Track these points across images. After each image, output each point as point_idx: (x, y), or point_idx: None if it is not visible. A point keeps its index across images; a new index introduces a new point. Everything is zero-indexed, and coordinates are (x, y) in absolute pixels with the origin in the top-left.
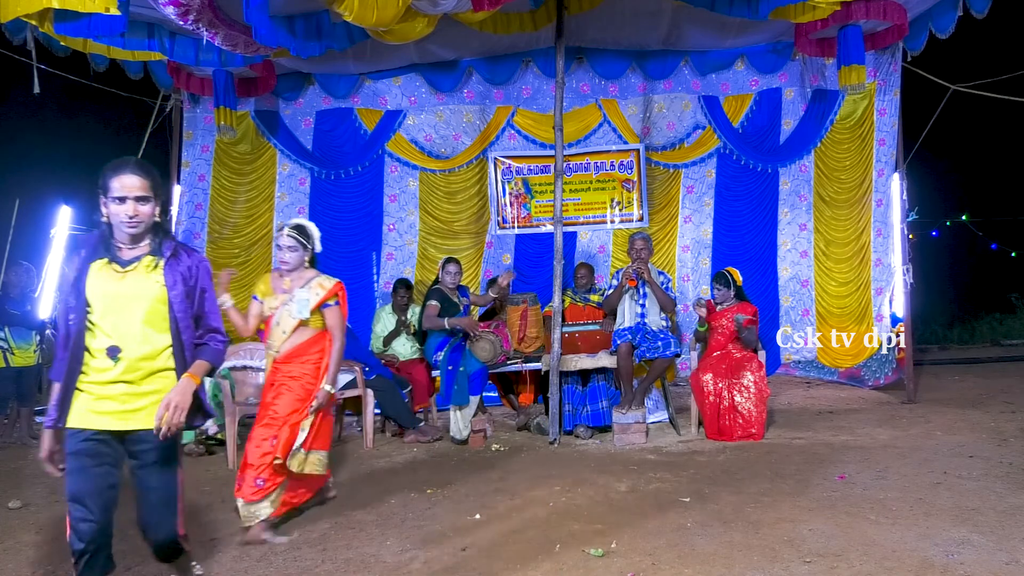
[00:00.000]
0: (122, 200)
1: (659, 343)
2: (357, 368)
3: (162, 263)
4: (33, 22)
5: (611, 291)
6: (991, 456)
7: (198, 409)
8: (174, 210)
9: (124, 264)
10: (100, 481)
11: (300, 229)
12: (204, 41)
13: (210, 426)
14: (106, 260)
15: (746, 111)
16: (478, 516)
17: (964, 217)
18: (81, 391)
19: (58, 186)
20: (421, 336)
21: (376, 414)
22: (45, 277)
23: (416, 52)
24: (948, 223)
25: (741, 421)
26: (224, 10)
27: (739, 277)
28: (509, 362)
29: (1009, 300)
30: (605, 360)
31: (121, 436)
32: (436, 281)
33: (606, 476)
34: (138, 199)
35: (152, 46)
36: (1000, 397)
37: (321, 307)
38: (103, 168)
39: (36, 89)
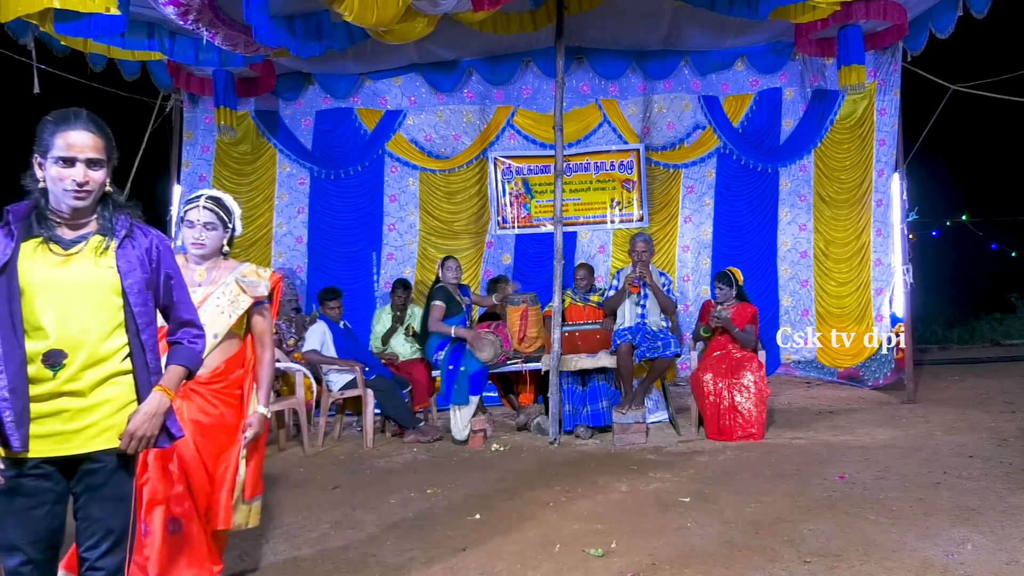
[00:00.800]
0: (69, 162)
1: (659, 343)
2: (357, 368)
3: (114, 244)
4: (34, 22)
5: (611, 291)
6: (991, 456)
7: (162, 429)
8: (174, 210)
9: (66, 245)
10: (41, 527)
11: (218, 201)
12: (204, 41)
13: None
14: (40, 240)
15: (746, 111)
16: (478, 516)
17: (964, 217)
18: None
19: None
20: (422, 336)
21: (376, 414)
22: None
23: (416, 52)
24: (948, 223)
25: (741, 421)
26: (224, 10)
27: (741, 277)
28: (509, 362)
29: (1009, 300)
30: (605, 360)
31: (65, 462)
32: (437, 280)
33: (606, 476)
34: (89, 162)
35: (152, 46)
36: (1000, 397)
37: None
38: (42, 120)
39: (36, 89)
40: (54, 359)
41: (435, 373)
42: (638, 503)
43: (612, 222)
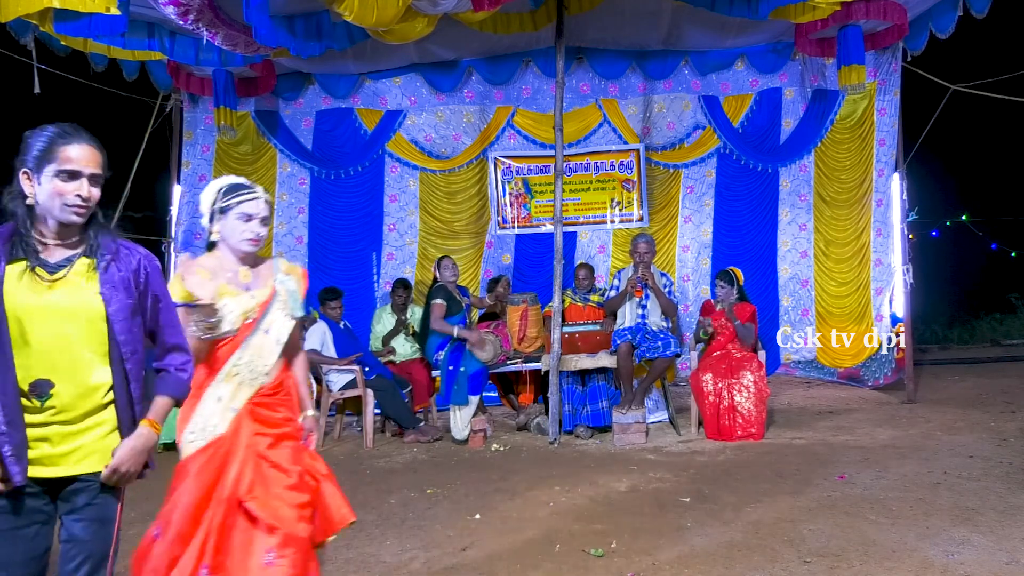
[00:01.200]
0: (74, 176)
1: (659, 343)
2: (357, 368)
3: (99, 268)
4: (34, 21)
5: (612, 292)
6: (991, 456)
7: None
8: (174, 210)
9: (52, 270)
10: (31, 546)
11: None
12: (204, 41)
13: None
14: (25, 264)
15: (746, 111)
16: (478, 516)
17: (964, 217)
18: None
19: None
20: (421, 336)
21: (376, 414)
22: None
23: (416, 52)
24: (948, 223)
25: (741, 421)
26: (224, 10)
27: (741, 277)
28: (509, 362)
29: (1009, 300)
30: (605, 360)
31: (51, 483)
32: (435, 280)
33: (606, 476)
34: (92, 178)
35: (152, 46)
36: (1000, 397)
37: None
38: (34, 132)
39: (37, 89)
40: (41, 389)
41: (435, 373)
42: (638, 503)
43: (612, 222)
